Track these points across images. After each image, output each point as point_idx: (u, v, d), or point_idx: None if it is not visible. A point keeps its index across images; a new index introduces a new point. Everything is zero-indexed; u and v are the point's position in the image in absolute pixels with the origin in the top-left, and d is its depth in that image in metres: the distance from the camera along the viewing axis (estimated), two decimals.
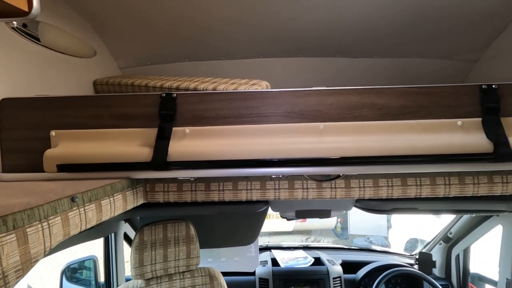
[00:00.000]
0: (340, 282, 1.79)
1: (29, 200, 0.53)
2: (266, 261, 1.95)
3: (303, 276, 1.78)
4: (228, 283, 1.68)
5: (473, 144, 0.78)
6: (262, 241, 2.43)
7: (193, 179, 0.92)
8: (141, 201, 0.91)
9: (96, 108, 0.86)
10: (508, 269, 1.39)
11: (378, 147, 0.79)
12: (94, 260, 1.67)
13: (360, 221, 5.98)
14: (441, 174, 0.90)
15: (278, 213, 1.72)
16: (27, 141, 0.86)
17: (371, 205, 1.22)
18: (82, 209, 0.63)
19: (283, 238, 5.61)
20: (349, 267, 1.94)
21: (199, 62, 1.62)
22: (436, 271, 1.85)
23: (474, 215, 1.23)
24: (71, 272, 1.77)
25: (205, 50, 1.55)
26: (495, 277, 1.49)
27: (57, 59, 1.13)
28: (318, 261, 1.95)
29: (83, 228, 0.65)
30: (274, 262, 1.94)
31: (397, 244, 4.76)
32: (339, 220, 6.40)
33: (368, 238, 6.15)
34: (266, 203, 1.24)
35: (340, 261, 1.96)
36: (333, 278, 1.78)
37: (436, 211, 1.22)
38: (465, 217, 1.60)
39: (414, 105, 0.83)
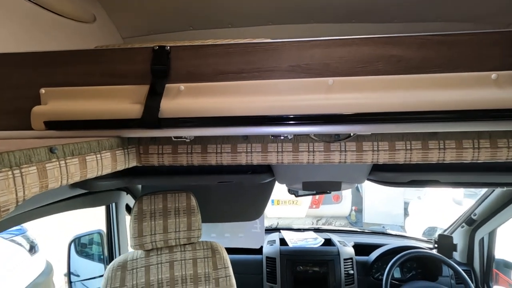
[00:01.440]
0: (352, 264, 1.71)
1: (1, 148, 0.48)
2: (274, 240, 1.89)
3: (312, 257, 1.71)
4: (234, 262, 1.64)
5: (510, 100, 0.66)
6: (271, 223, 2.37)
7: (188, 140, 0.85)
8: (133, 163, 0.86)
9: (87, 65, 0.81)
10: None
11: (396, 103, 0.69)
12: (101, 233, 1.67)
13: (376, 209, 5.83)
14: (469, 136, 0.78)
15: (287, 189, 1.65)
16: (17, 100, 0.82)
17: (386, 177, 1.11)
18: (62, 162, 0.58)
19: (293, 222, 5.53)
20: (362, 249, 1.85)
21: (204, 30, 1.54)
22: (456, 255, 1.73)
23: (505, 188, 1.09)
24: (78, 245, 1.79)
25: (210, 18, 1.46)
26: None
27: (52, 20, 1.07)
28: (328, 242, 1.87)
29: (64, 182, 0.60)
30: (283, 242, 1.87)
31: (414, 234, 4.58)
32: (353, 208, 6.27)
33: (383, 227, 5.98)
34: (271, 174, 1.16)
35: (352, 243, 1.87)
36: (344, 259, 1.70)
37: (461, 184, 1.10)
38: (493, 196, 1.46)
39: (439, 56, 0.72)
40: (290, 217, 5.45)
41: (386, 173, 1.10)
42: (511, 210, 1.41)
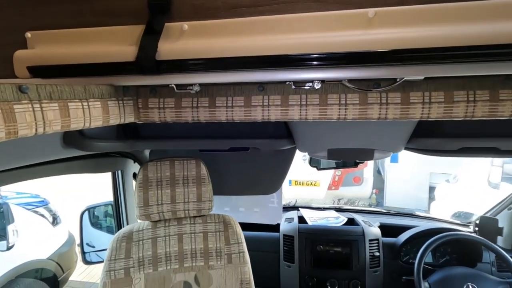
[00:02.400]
0: (378, 245, 1.56)
1: None
2: (292, 218, 1.76)
3: (334, 236, 1.57)
4: (249, 238, 1.54)
5: None
6: (289, 202, 2.24)
7: (194, 91, 0.71)
8: (131, 118, 0.73)
9: (75, 4, 0.68)
10: None
11: (459, 35, 0.50)
12: (112, 205, 1.62)
13: (398, 193, 5.57)
14: None
15: (306, 160, 1.49)
16: (0, 47, 0.71)
17: (430, 144, 0.93)
18: (37, 105, 0.47)
19: (312, 201, 5.40)
20: (388, 231, 1.69)
21: None
22: (500, 241, 1.53)
23: None
24: (93, 216, 1.76)
25: None
26: None
27: None
28: (352, 222, 1.72)
29: (41, 130, 0.49)
30: (301, 220, 1.75)
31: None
32: (374, 191, 6.03)
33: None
34: (291, 140, 1.01)
35: (378, 224, 1.71)
36: (370, 240, 1.55)
37: None
38: None
39: None
40: (309, 198, 5.32)
41: (430, 139, 0.92)
42: None
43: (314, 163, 1.43)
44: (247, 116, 0.72)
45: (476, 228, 1.57)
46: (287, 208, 2.02)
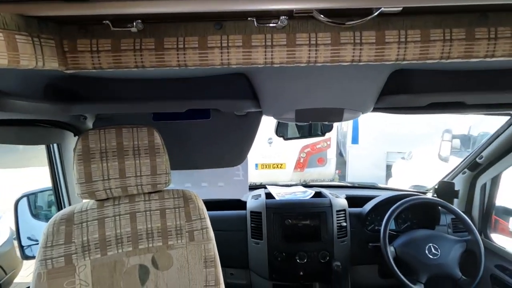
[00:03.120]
0: (345, 216, 1.55)
1: None
2: (259, 194, 1.70)
3: (302, 209, 1.54)
4: (214, 218, 1.44)
5: None
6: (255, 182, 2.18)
7: (135, 29, 0.57)
8: (53, 64, 0.57)
9: None
10: None
11: None
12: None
13: (359, 172, 5.86)
14: None
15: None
16: None
17: (399, 101, 0.89)
18: None
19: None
20: (354, 202, 1.70)
21: None
22: (457, 203, 1.61)
23: None
24: (30, 205, 1.53)
25: None
26: None
27: None
28: (319, 195, 1.70)
29: None
30: (269, 197, 1.69)
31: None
32: (337, 171, 6.26)
33: None
34: (256, 102, 0.91)
35: (344, 196, 1.72)
36: (337, 211, 1.54)
37: (489, 107, 0.90)
38: (504, 136, 1.30)
39: None
40: (275, 180, 5.35)
41: (400, 96, 0.88)
42: None
43: (281, 132, 1.36)
44: (203, 61, 0.60)
45: (435, 195, 1.64)
46: (254, 187, 1.95)
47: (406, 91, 0.88)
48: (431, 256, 1.31)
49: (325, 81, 0.83)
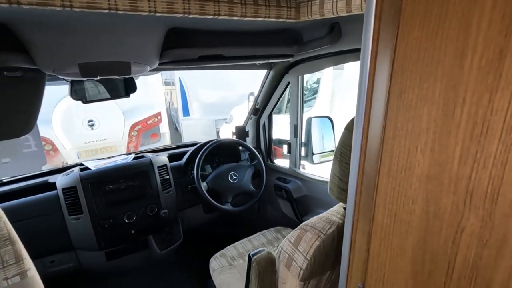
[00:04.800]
0: (167, 170, 1.71)
1: None
2: (72, 170, 1.56)
3: (122, 172, 1.56)
4: (16, 208, 1.25)
5: None
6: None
7: None
8: None
9: None
10: (294, 118, 1.74)
11: None
12: None
13: (193, 139, 6.30)
14: None
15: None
16: None
17: (177, 55, 1.07)
18: None
19: None
20: (177, 158, 1.89)
21: None
22: (249, 141, 2.12)
23: (269, 61, 1.34)
24: None
25: None
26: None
27: None
28: (140, 158, 1.76)
29: None
30: (85, 170, 1.58)
31: None
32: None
33: None
34: (26, 56, 0.83)
35: (166, 155, 1.87)
36: (158, 167, 1.67)
37: (244, 58, 1.24)
38: (267, 82, 1.81)
39: None
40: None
41: (178, 50, 1.06)
42: (278, 93, 1.82)
43: (77, 94, 1.27)
44: None
45: (234, 137, 2.09)
46: (68, 167, 1.74)
47: (183, 45, 1.07)
48: (232, 181, 1.72)
49: (107, 34, 0.87)
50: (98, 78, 0.99)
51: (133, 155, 1.74)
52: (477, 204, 0.32)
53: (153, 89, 5.37)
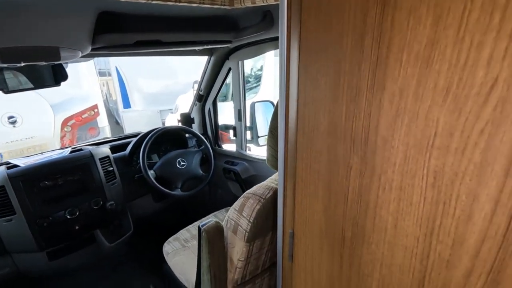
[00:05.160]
0: (110, 161, 1.66)
1: None
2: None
3: (59, 166, 1.47)
4: None
5: None
6: None
7: None
8: None
9: None
10: (237, 102, 1.82)
11: None
12: None
13: (137, 124, 6.02)
14: None
15: None
16: None
17: (112, 40, 1.05)
18: None
19: None
20: (120, 149, 1.83)
21: None
22: (195, 128, 2.14)
23: (208, 47, 1.38)
24: None
25: None
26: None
27: None
28: (78, 151, 1.66)
29: None
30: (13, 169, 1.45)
31: None
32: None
33: None
34: None
35: (108, 146, 1.79)
36: (100, 159, 1.60)
37: (181, 44, 1.26)
38: (209, 68, 1.85)
39: None
40: None
41: (112, 35, 1.04)
42: (220, 78, 1.87)
43: None
44: None
45: (180, 124, 2.09)
46: None
47: (117, 30, 1.05)
48: (180, 167, 1.74)
49: (29, 15, 0.82)
50: (22, 64, 0.93)
51: (69, 149, 1.64)
52: (357, 147, 0.44)
53: (86, 80, 4.93)
